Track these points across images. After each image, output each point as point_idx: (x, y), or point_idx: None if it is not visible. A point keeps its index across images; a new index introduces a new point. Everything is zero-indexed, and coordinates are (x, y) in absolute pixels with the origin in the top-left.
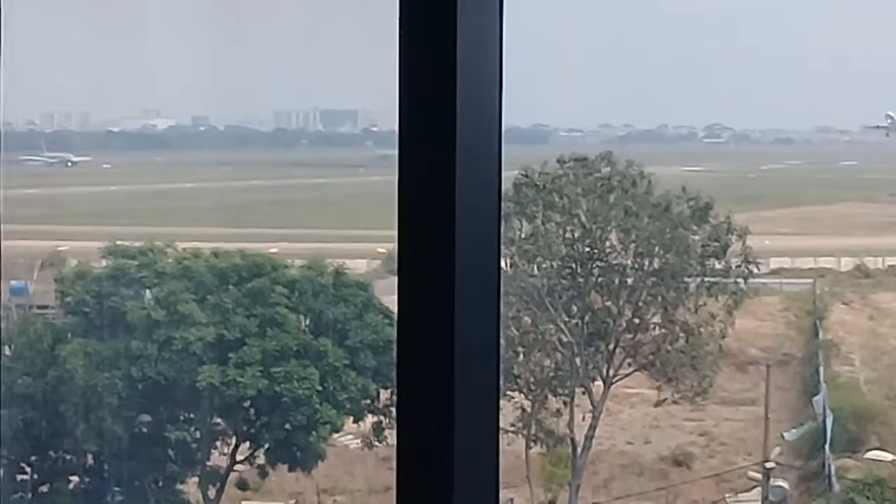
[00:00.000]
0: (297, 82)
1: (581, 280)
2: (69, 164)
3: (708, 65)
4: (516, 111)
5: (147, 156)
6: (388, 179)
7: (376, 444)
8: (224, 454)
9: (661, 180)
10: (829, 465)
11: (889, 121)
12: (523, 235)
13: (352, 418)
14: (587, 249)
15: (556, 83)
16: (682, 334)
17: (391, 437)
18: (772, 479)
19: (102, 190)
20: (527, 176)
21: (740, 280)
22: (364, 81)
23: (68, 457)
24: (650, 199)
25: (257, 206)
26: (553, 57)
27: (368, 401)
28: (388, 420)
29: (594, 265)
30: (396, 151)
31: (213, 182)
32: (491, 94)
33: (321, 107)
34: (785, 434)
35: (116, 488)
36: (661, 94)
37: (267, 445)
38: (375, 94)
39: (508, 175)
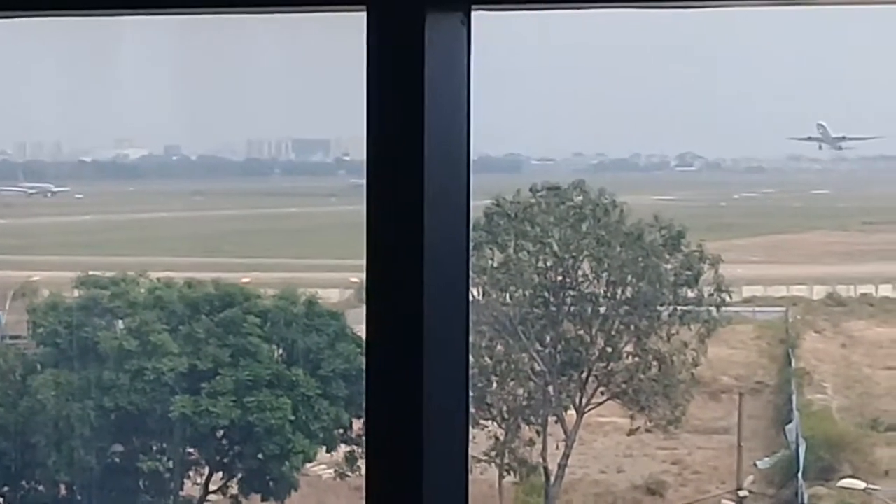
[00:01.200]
0: (269, 112)
1: (554, 309)
2: (49, 194)
3: (680, 94)
4: (489, 140)
5: (120, 185)
6: (361, 209)
7: (349, 473)
8: (197, 484)
9: (634, 209)
10: (803, 494)
11: (821, 130)
12: (495, 264)
13: (325, 448)
14: (560, 278)
15: (528, 112)
16: (654, 363)
17: (364, 466)
18: None
19: (75, 220)
20: (499, 205)
21: (713, 308)
22: (336, 111)
23: (40, 487)
24: (623, 228)
25: (230, 235)
26: (525, 86)
27: (341, 430)
28: (360, 450)
29: (567, 294)
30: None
31: (186, 212)
32: (459, 123)
33: (293, 136)
34: (758, 462)
35: None
36: (634, 124)
37: (240, 475)
38: (347, 124)
39: (480, 204)
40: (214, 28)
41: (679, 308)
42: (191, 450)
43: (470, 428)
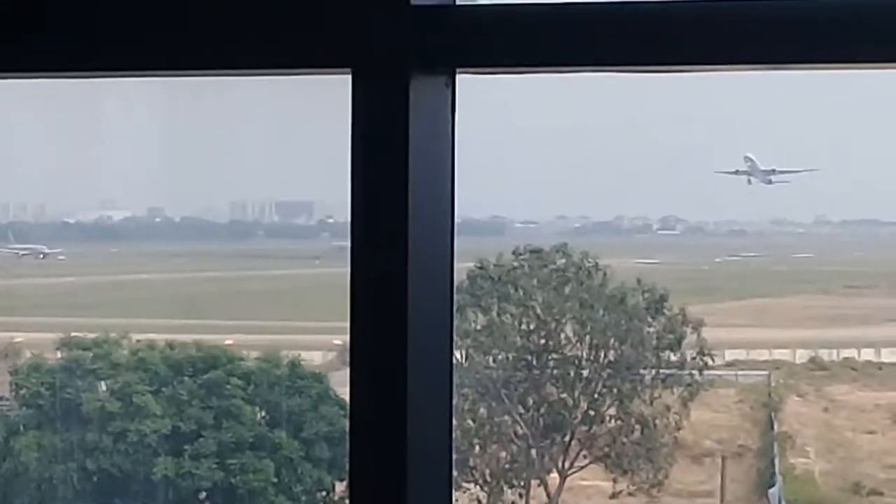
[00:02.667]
0: (253, 174)
1: (537, 372)
2: (41, 255)
3: (663, 158)
4: (472, 203)
5: (103, 247)
6: (344, 271)
7: None
8: None
9: (617, 272)
10: None
11: (749, 163)
12: (479, 327)
13: None
14: (542, 341)
15: (511, 175)
16: (637, 426)
17: None
18: None
19: (58, 281)
20: (482, 268)
21: (695, 372)
22: (319, 173)
23: None
24: (605, 291)
25: (213, 297)
26: (508, 150)
27: (324, 493)
28: None
29: (550, 357)
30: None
31: (169, 273)
32: (443, 186)
33: (277, 198)
34: None
35: None
36: (617, 187)
37: None
38: (331, 186)
39: (464, 267)
40: (198, 90)
41: (662, 371)
42: None
43: (453, 491)
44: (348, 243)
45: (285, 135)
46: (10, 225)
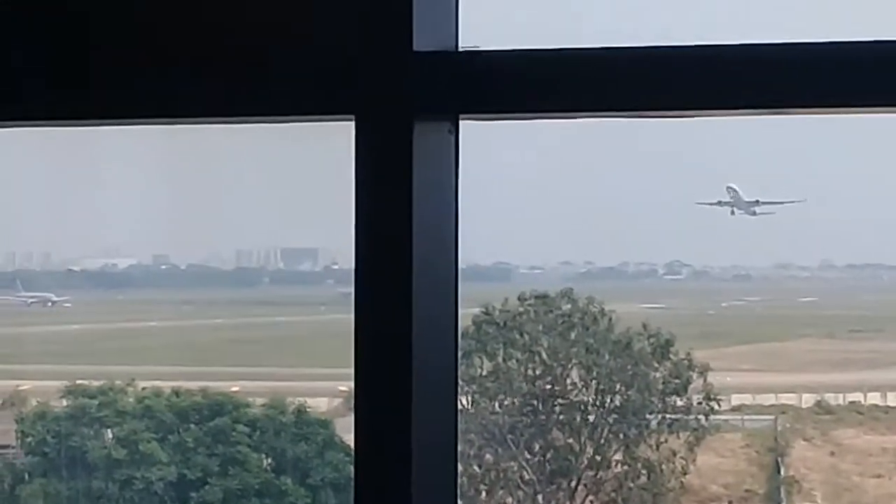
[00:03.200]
0: (258, 221)
1: (543, 417)
2: (49, 303)
3: (667, 203)
4: (477, 249)
5: (108, 294)
6: (349, 318)
7: None
8: None
9: (622, 317)
10: None
11: (732, 194)
12: (484, 373)
13: None
14: (548, 386)
15: (517, 221)
16: (643, 471)
17: None
18: None
19: (63, 329)
20: (488, 313)
21: (702, 417)
22: (324, 219)
23: None
24: (611, 337)
25: (218, 344)
26: (514, 195)
27: None
28: None
29: (556, 402)
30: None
31: (175, 321)
32: (448, 232)
33: (282, 245)
34: None
35: None
36: (622, 232)
37: None
38: (336, 233)
39: (469, 312)
40: (201, 137)
41: (668, 416)
42: None
43: None
44: (353, 290)
45: (290, 181)
46: (17, 273)
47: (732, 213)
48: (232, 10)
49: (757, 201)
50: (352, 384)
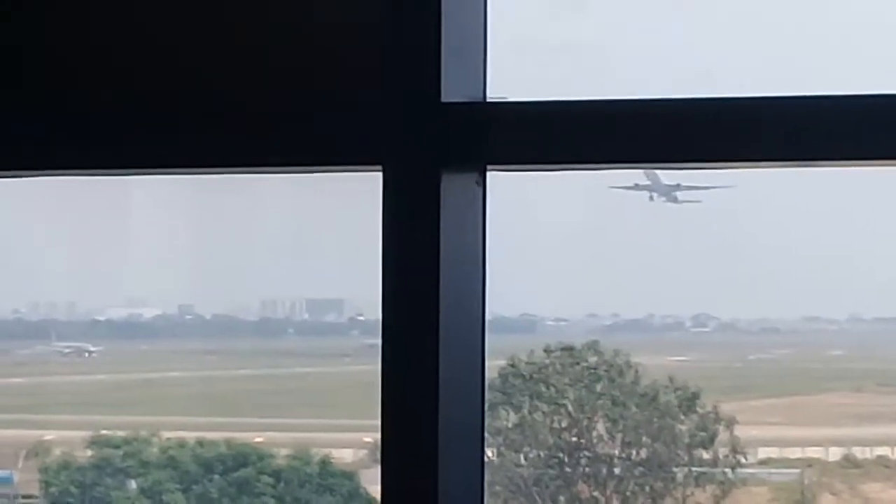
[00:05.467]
0: (283, 271)
1: (568, 470)
2: (86, 353)
3: (694, 255)
4: (503, 301)
5: (133, 344)
6: (374, 369)
7: None
8: None
9: (649, 370)
10: None
11: (651, 177)
12: (510, 425)
13: None
14: (574, 439)
15: (543, 273)
16: None
17: None
18: None
19: (88, 379)
20: (513, 366)
21: (728, 470)
22: (350, 270)
23: None
24: (637, 389)
25: (243, 395)
26: (540, 247)
27: None
28: None
29: (581, 455)
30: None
31: (199, 371)
32: (475, 284)
33: (307, 296)
34: None
35: None
36: (648, 284)
37: None
38: (361, 284)
39: (495, 365)
40: (227, 187)
41: (694, 469)
42: None
43: None
44: (378, 341)
45: (315, 231)
46: (44, 322)
47: (651, 198)
48: (257, 59)
49: (678, 185)
50: (377, 435)
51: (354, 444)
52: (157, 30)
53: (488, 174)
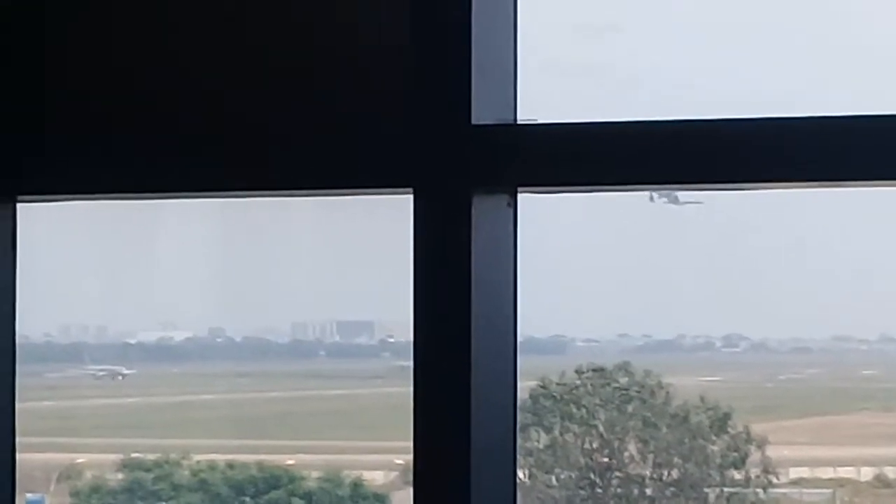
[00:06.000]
0: (314, 294)
1: (600, 491)
2: (120, 377)
3: (725, 275)
4: (534, 322)
5: (164, 367)
6: (406, 391)
7: None
8: None
9: (680, 390)
10: None
11: None
12: (541, 446)
13: None
14: (606, 460)
15: (573, 294)
16: None
17: None
18: None
19: (119, 402)
20: (544, 387)
21: (760, 490)
22: (380, 292)
23: None
24: (668, 410)
25: (274, 417)
26: (570, 268)
27: None
28: None
29: (613, 475)
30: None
31: (230, 394)
32: (506, 305)
33: (338, 318)
34: None
35: None
36: (679, 305)
37: None
38: (392, 305)
39: (526, 386)
40: (257, 210)
41: (726, 489)
42: None
43: None
44: (409, 363)
45: (346, 254)
46: (75, 346)
47: (651, 199)
48: (287, 82)
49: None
50: (409, 457)
51: (386, 466)
52: (183, 55)
53: (519, 195)
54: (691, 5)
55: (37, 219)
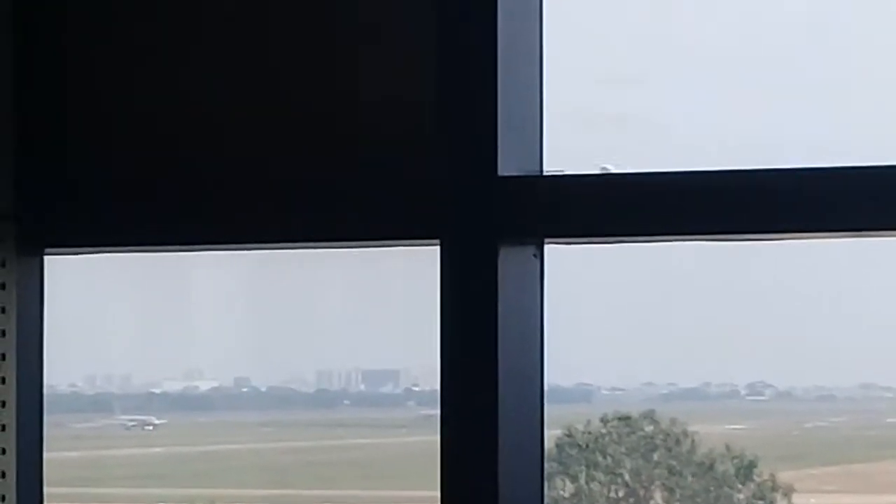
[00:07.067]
0: (338, 343)
1: None
2: (150, 427)
3: (750, 324)
4: (559, 370)
5: (189, 417)
6: (431, 440)
7: None
8: None
9: (705, 438)
10: None
11: (602, 170)
12: (567, 495)
13: None
14: None
15: (598, 342)
16: None
17: None
18: None
19: (144, 452)
20: (570, 435)
21: None
22: (405, 341)
23: None
24: (694, 458)
25: (299, 467)
26: (595, 316)
27: None
28: None
29: None
30: (438, 412)
31: (256, 443)
32: (533, 355)
33: (363, 367)
34: None
35: None
36: (704, 353)
37: None
38: (417, 354)
39: (551, 434)
40: (282, 260)
41: None
42: None
43: None
44: (434, 411)
45: (370, 303)
46: (112, 396)
47: None
48: (316, 135)
49: None
50: None
51: None
52: (210, 109)
53: (546, 246)
54: (716, 56)
55: (61, 269)
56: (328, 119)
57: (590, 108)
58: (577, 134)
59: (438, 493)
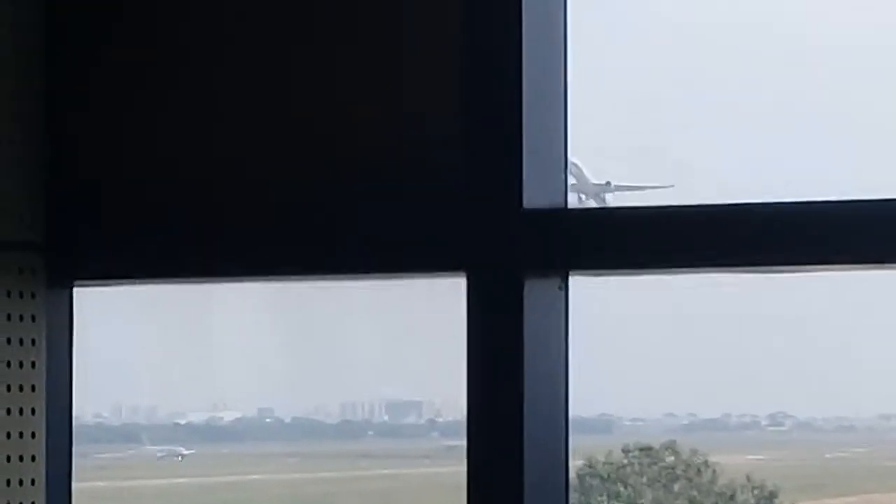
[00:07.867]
0: (362, 374)
1: None
2: (179, 457)
3: (771, 355)
4: (580, 401)
5: (214, 448)
6: (455, 470)
7: None
8: None
9: (726, 469)
10: None
11: (574, 171)
12: None
13: None
14: None
15: (620, 373)
16: None
17: None
18: None
19: (168, 482)
20: (591, 466)
21: None
22: (429, 372)
23: None
24: (715, 488)
25: (323, 497)
26: (616, 346)
27: None
28: None
29: None
30: (462, 442)
31: (280, 474)
32: (558, 386)
33: (387, 398)
34: None
35: None
36: (725, 384)
37: None
38: (440, 385)
39: (573, 465)
40: (307, 291)
41: None
42: None
43: None
44: (457, 442)
45: (394, 334)
46: (140, 427)
47: (580, 199)
48: (343, 169)
49: (608, 183)
50: None
51: None
52: (235, 143)
53: (571, 279)
54: (746, 96)
55: (87, 300)
56: (351, 155)
57: (614, 140)
58: (602, 166)
59: None
